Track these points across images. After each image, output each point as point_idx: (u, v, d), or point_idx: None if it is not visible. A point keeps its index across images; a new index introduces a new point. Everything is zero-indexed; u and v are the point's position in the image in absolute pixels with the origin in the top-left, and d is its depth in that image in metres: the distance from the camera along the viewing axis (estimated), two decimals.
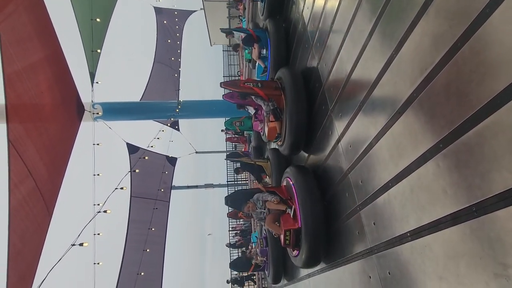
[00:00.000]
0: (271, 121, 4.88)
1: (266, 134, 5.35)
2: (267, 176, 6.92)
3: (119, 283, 12.81)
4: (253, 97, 4.80)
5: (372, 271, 2.61)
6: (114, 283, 12.81)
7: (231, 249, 15.58)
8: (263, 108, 4.83)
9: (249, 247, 9.82)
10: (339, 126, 3.26)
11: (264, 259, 7.38)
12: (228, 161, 15.71)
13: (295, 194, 3.79)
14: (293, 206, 3.82)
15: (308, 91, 4.25)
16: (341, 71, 3.15)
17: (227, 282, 13.02)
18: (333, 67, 3.36)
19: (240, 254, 15.77)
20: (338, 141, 3.26)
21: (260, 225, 7.06)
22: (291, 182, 4.03)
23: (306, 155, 4.65)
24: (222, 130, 14.94)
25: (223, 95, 5.27)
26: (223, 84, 4.90)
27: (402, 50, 2.13)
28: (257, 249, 7.73)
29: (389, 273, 2.34)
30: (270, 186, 6.21)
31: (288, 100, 4.29)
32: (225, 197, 5.19)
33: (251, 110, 5.83)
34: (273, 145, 6.10)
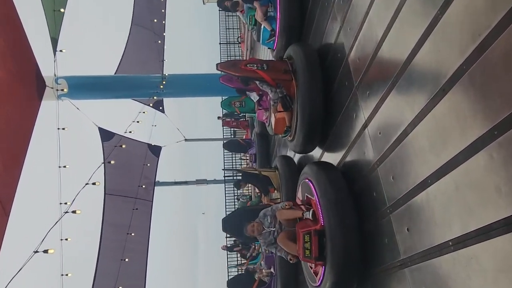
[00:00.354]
0: (279, 111, 4.90)
1: (273, 126, 5.41)
2: (275, 190, 6.85)
3: None
4: (257, 82, 4.80)
5: (405, 286, 2.64)
6: None
7: (228, 252, 15.83)
8: (270, 95, 4.82)
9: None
10: (366, 108, 3.24)
11: (271, 270, 7.46)
12: (225, 151, 15.76)
13: (315, 191, 3.63)
14: (312, 209, 3.68)
15: (325, 70, 4.24)
16: (370, 37, 3.12)
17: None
18: (359, 32, 3.32)
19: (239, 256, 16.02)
20: (365, 126, 3.26)
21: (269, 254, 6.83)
22: (310, 184, 3.80)
23: (320, 152, 4.66)
24: (219, 118, 14.92)
25: (220, 77, 5.25)
26: (220, 66, 4.82)
27: (449, 10, 2.09)
28: (261, 261, 7.79)
29: None
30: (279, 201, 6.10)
31: (300, 87, 4.31)
32: (223, 220, 5.07)
33: (254, 97, 5.83)
34: (283, 151, 6.00)
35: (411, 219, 2.54)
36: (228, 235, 13.00)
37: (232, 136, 17.74)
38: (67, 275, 11.56)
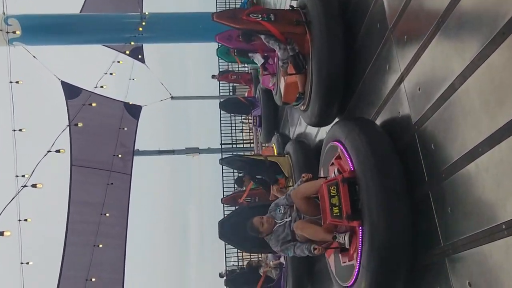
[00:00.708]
0: (290, 74, 4.91)
1: (282, 94, 5.43)
2: (285, 180, 6.76)
3: None
4: (262, 37, 4.80)
5: (443, 280, 2.70)
6: None
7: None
8: (278, 54, 4.78)
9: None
10: (402, 57, 3.21)
11: (280, 261, 7.59)
12: (222, 112, 15.75)
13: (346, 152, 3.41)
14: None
15: (349, 14, 4.25)
16: None
17: (220, 276, 13.85)
18: None
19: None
20: (400, 80, 3.24)
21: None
22: (341, 146, 3.56)
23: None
24: (213, 76, 14.74)
25: (216, 35, 5.17)
26: (216, 17, 4.84)
27: None
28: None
29: (469, 284, 2.43)
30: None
31: (316, 42, 4.29)
32: (219, 223, 4.63)
33: (258, 60, 5.77)
34: (295, 116, 5.86)
35: (455, 197, 2.56)
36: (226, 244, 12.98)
37: (231, 94, 17.64)
38: (27, 263, 11.84)
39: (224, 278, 13.50)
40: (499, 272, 2.19)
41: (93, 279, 14.01)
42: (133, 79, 16.05)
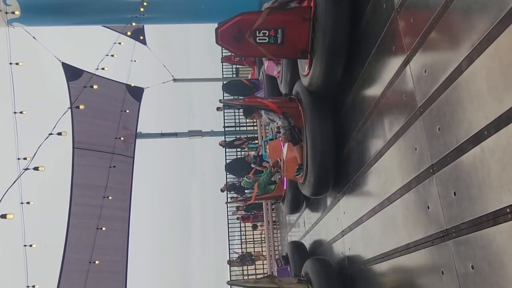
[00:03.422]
0: (289, 151, 5.77)
1: (284, 171, 6.10)
2: None
3: (62, 277, 13.63)
4: (262, 112, 5.55)
5: (447, 263, 2.73)
6: (56, 275, 13.70)
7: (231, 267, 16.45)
8: (279, 123, 5.49)
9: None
10: (408, 37, 3.18)
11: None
12: (226, 94, 15.70)
13: None
14: None
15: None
16: None
17: (229, 263, 14.30)
18: None
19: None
20: (407, 62, 3.22)
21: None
22: None
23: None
24: (218, 109, 14.69)
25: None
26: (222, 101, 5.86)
27: None
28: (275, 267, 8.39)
29: (472, 267, 2.45)
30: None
31: (308, 115, 5.01)
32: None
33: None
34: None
35: (459, 181, 2.57)
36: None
37: (234, 76, 17.58)
38: (31, 246, 11.97)
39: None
40: (503, 256, 2.21)
41: (97, 262, 14.17)
42: (135, 61, 15.97)
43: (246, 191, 13.57)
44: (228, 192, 15.42)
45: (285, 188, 7.94)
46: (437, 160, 2.83)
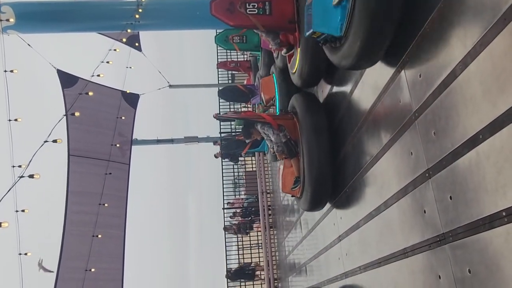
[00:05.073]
0: (286, 166, 5.89)
1: (281, 184, 6.13)
2: None
3: (58, 286, 13.53)
4: (259, 125, 5.62)
5: (444, 267, 2.73)
6: (51, 284, 13.63)
7: (226, 233, 16.31)
8: (272, 138, 5.54)
9: None
10: (402, 42, 3.19)
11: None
12: (221, 100, 15.72)
13: None
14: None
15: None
16: None
17: (227, 276, 14.20)
18: None
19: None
20: (402, 67, 3.23)
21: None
22: None
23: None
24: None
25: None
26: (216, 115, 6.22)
27: None
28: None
29: (469, 271, 2.45)
30: None
31: (303, 128, 5.10)
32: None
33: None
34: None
35: (455, 185, 2.57)
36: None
37: (230, 81, 17.60)
38: (26, 254, 11.90)
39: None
40: (500, 259, 2.21)
41: (93, 270, 14.08)
42: (131, 68, 15.94)
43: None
44: (222, 159, 15.01)
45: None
46: (433, 164, 2.84)
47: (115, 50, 14.35)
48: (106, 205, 14.84)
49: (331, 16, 3.31)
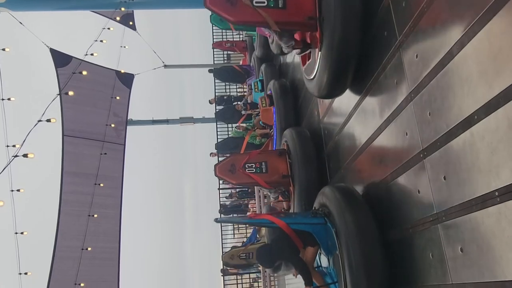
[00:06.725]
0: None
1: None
2: None
3: (55, 264, 13.64)
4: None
5: (436, 246, 2.77)
6: (48, 262, 13.72)
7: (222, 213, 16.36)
8: (269, 193, 6.65)
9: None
10: (399, 23, 3.18)
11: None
12: (217, 80, 15.65)
13: None
14: None
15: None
16: None
17: (210, 102, 14.12)
18: None
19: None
20: (398, 46, 3.22)
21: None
22: None
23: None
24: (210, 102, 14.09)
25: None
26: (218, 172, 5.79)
27: None
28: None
29: (461, 250, 2.49)
30: None
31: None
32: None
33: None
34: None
35: (449, 165, 2.59)
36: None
37: (226, 62, 17.48)
38: (22, 233, 11.97)
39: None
40: (490, 238, 2.24)
41: (89, 248, 14.19)
42: (125, 47, 15.79)
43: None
44: (216, 105, 14.56)
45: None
46: (427, 145, 2.85)
47: (109, 28, 14.19)
48: (101, 185, 14.86)
49: None
